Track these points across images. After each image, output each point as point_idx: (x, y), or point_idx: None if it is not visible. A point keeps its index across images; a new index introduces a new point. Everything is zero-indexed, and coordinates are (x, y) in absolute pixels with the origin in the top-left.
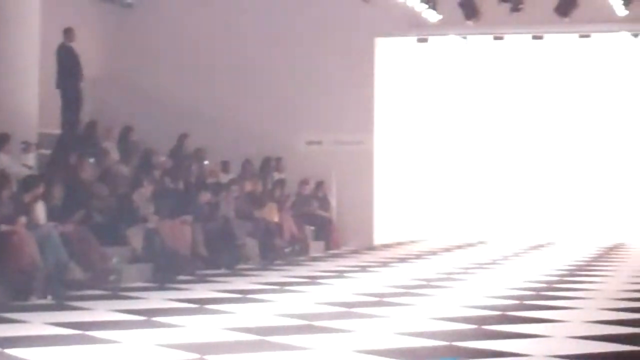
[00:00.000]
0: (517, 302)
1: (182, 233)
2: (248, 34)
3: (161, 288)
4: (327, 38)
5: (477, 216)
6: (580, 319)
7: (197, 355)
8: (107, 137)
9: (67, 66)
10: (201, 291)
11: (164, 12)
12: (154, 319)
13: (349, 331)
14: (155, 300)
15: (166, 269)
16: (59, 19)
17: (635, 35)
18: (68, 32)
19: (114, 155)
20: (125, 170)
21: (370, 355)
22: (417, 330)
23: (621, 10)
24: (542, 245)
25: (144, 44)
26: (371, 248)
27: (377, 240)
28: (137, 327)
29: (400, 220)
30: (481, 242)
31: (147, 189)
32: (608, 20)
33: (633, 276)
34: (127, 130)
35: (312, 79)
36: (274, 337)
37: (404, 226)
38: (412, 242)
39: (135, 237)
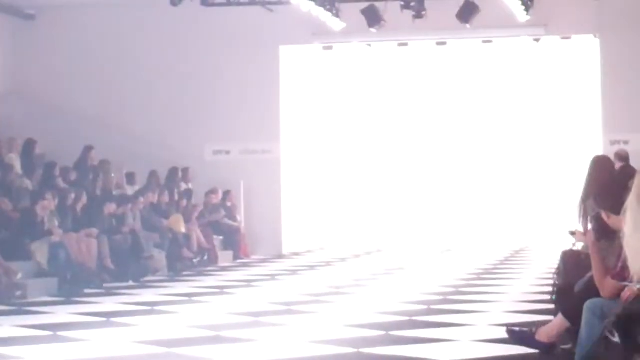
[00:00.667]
0: (424, 307)
1: (88, 246)
2: (153, 43)
3: (67, 302)
4: (232, 47)
5: (384, 223)
6: (486, 322)
7: None
8: (9, 150)
9: None
10: (108, 304)
11: (67, 23)
12: (60, 333)
13: (257, 340)
14: (62, 314)
15: (72, 283)
16: None
17: (537, 40)
18: None
19: (17, 168)
20: (28, 183)
21: None
22: (325, 338)
23: (522, 16)
24: (449, 250)
25: (47, 56)
26: (280, 256)
27: (286, 248)
28: (43, 342)
29: (309, 228)
30: (390, 248)
31: (50, 202)
32: (510, 25)
33: (537, 279)
34: (30, 143)
35: (217, 88)
36: (181, 348)
37: (313, 234)
38: (321, 249)
39: (40, 251)
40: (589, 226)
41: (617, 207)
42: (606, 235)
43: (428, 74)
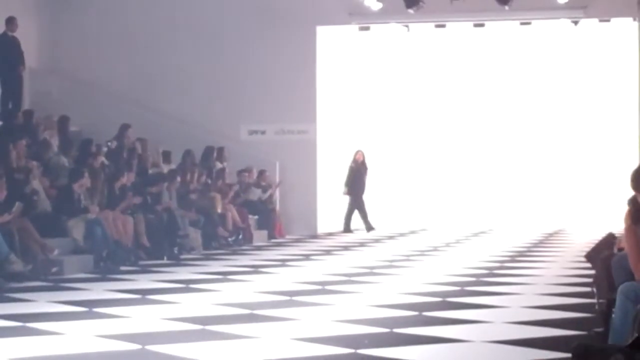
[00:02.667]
0: (458, 288)
1: (124, 223)
2: (189, 23)
3: (103, 279)
4: (269, 27)
5: (420, 204)
6: (519, 305)
7: (139, 346)
8: (46, 128)
9: (9, 56)
10: (143, 282)
11: (105, 2)
12: (96, 309)
13: (291, 319)
14: (97, 291)
15: (108, 260)
16: None
17: (575, 23)
18: (10, 22)
19: (54, 146)
20: (65, 161)
21: (310, 343)
22: (358, 318)
23: None
24: (483, 232)
25: (83, 34)
26: (315, 236)
27: (321, 228)
28: (78, 319)
29: (344, 209)
30: (423, 230)
31: (87, 180)
32: (548, 7)
33: (571, 262)
34: (64, 120)
35: (254, 69)
36: (215, 326)
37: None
38: (356, 230)
39: (76, 228)
40: None
41: None
42: None
43: (465, 56)
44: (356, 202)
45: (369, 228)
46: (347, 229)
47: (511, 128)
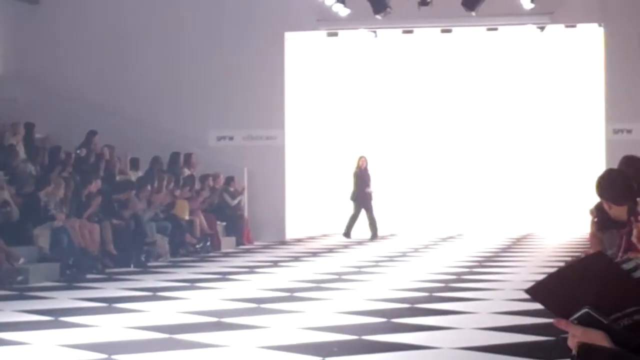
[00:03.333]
0: (426, 294)
1: (90, 231)
2: (156, 30)
3: (69, 287)
4: (237, 33)
5: (388, 209)
6: (487, 311)
7: (105, 355)
8: (13, 134)
9: None
10: (110, 290)
11: (70, 8)
12: (62, 319)
13: (259, 327)
14: (64, 299)
15: (74, 268)
16: None
17: (542, 29)
18: None
19: (21, 153)
20: (32, 168)
21: (278, 351)
22: (326, 325)
23: (527, 4)
24: (451, 237)
25: (50, 40)
26: (283, 243)
27: (289, 234)
28: (44, 328)
29: (313, 214)
30: (392, 235)
31: (56, 188)
32: (515, 13)
33: (540, 266)
34: (29, 127)
35: (222, 74)
36: (182, 335)
37: (316, 220)
38: (324, 236)
39: (42, 236)
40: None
41: (618, 197)
42: (608, 227)
43: (433, 61)
44: (361, 208)
45: (347, 234)
46: (347, 233)
47: (479, 133)
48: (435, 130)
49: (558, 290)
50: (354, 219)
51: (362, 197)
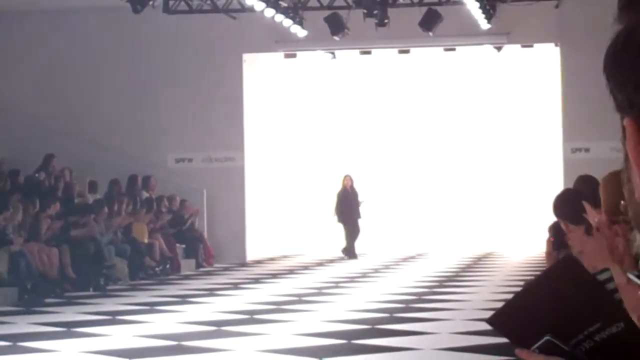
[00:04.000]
0: (387, 315)
1: (49, 255)
2: (114, 52)
3: (28, 312)
4: (195, 54)
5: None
6: (448, 331)
7: None
8: None
9: None
10: (69, 314)
11: (28, 31)
12: (21, 344)
13: (218, 350)
14: (22, 324)
15: (33, 292)
16: None
17: (499, 49)
18: None
19: None
20: None
21: None
22: (286, 347)
23: (484, 24)
24: (412, 257)
25: (5, 63)
26: (243, 264)
27: (250, 256)
28: (2, 354)
29: (273, 236)
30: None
31: (14, 214)
32: (472, 33)
33: (500, 285)
34: None
35: (180, 96)
36: (142, 359)
37: (276, 242)
38: (285, 257)
39: (0, 260)
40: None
41: (575, 217)
42: (564, 246)
43: (391, 81)
44: (351, 227)
45: (350, 254)
46: (353, 255)
47: (438, 153)
48: (394, 150)
49: (519, 317)
50: (350, 237)
51: (347, 215)
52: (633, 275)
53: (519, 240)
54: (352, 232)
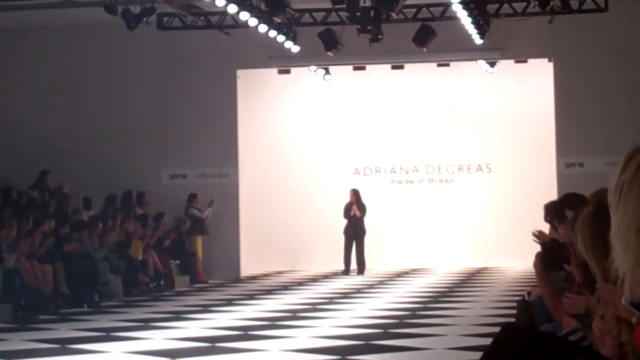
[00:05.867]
0: (381, 330)
1: (43, 271)
2: (109, 69)
3: (22, 329)
4: (189, 70)
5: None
6: (443, 346)
7: None
8: None
9: None
10: (63, 331)
11: (22, 48)
12: None
13: None
14: (16, 341)
15: (27, 309)
16: None
17: (492, 64)
18: None
19: None
20: None
21: None
22: None
23: (478, 40)
24: (406, 273)
25: (1, 77)
26: (238, 280)
27: (244, 272)
28: None
29: (268, 251)
30: (348, 271)
31: (9, 232)
32: (466, 49)
33: (494, 301)
34: None
35: (174, 112)
36: None
37: (271, 258)
38: (279, 273)
39: None
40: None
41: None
42: (554, 267)
43: (385, 97)
44: (351, 242)
45: (355, 270)
46: (346, 270)
47: (433, 168)
48: (388, 165)
49: None
50: (347, 254)
51: (350, 230)
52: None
53: (514, 255)
54: (349, 247)
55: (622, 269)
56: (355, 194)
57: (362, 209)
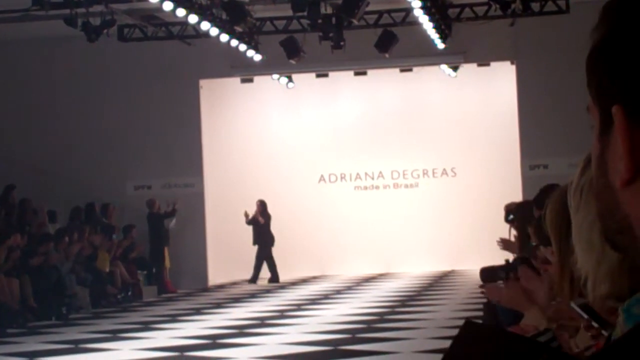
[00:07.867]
0: (349, 336)
1: (9, 285)
2: (72, 80)
3: None
4: (151, 81)
5: (311, 251)
6: (411, 350)
7: None
8: None
9: None
10: (31, 344)
11: None
12: None
13: None
14: None
15: None
16: None
17: (455, 68)
18: None
19: None
20: None
21: None
22: None
23: (440, 44)
24: (374, 278)
25: None
26: (205, 289)
27: (212, 281)
28: None
29: (235, 260)
30: (315, 278)
31: None
32: (428, 54)
33: (462, 303)
34: None
35: (137, 123)
36: None
37: (238, 266)
38: (246, 281)
39: None
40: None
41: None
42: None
43: (349, 103)
44: (263, 253)
45: (271, 279)
46: (254, 279)
47: (397, 173)
48: (352, 171)
49: None
50: (258, 264)
51: (260, 242)
52: (576, 306)
53: (480, 258)
54: (261, 257)
55: (583, 269)
56: (262, 204)
57: (267, 217)
